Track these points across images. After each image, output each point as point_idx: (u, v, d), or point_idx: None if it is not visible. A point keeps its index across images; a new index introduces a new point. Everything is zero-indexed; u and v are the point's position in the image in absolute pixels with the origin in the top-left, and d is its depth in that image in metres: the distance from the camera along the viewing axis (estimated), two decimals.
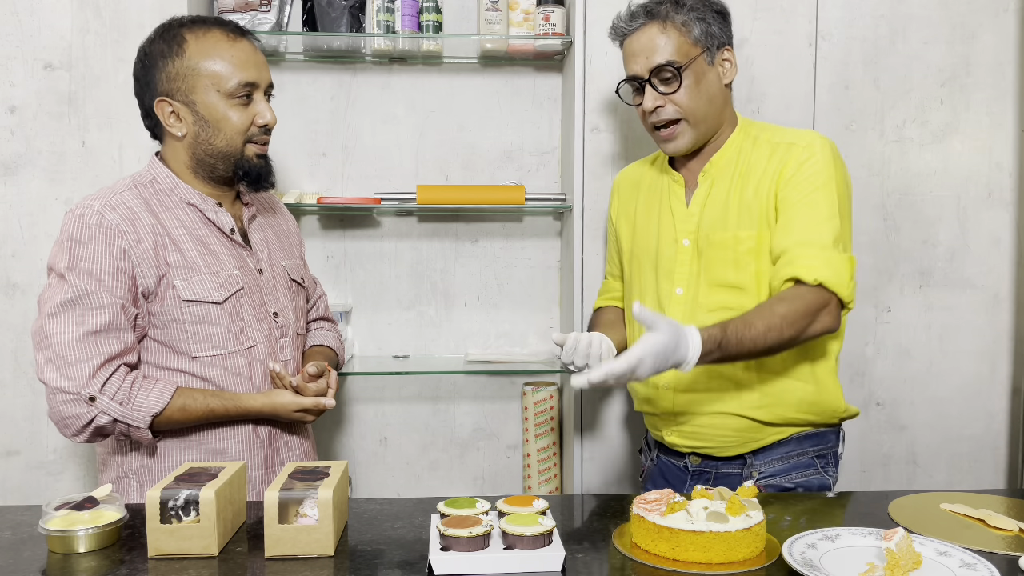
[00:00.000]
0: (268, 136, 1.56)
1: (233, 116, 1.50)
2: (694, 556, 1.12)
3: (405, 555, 1.19)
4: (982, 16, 2.12)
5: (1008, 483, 2.22)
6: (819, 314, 1.47)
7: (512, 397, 2.41)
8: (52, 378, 1.41)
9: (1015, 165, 2.17)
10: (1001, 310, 2.19)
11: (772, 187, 1.54)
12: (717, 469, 1.64)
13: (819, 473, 1.61)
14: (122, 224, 1.45)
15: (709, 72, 1.58)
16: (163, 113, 1.51)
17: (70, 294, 1.42)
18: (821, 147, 1.54)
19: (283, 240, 1.71)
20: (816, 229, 1.49)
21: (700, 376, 1.59)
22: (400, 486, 2.40)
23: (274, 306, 1.60)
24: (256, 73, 1.52)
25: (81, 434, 1.43)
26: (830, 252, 1.48)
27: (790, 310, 1.44)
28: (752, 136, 1.62)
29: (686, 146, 1.60)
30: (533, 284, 2.39)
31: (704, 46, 1.56)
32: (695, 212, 1.62)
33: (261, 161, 1.56)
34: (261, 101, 1.54)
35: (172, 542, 1.16)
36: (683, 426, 1.63)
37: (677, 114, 1.57)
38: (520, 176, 2.36)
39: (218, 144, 1.51)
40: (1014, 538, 1.22)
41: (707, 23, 1.56)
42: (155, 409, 1.44)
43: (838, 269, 1.48)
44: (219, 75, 1.49)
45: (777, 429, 1.59)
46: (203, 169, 1.54)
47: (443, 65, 2.34)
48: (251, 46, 1.54)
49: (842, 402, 1.62)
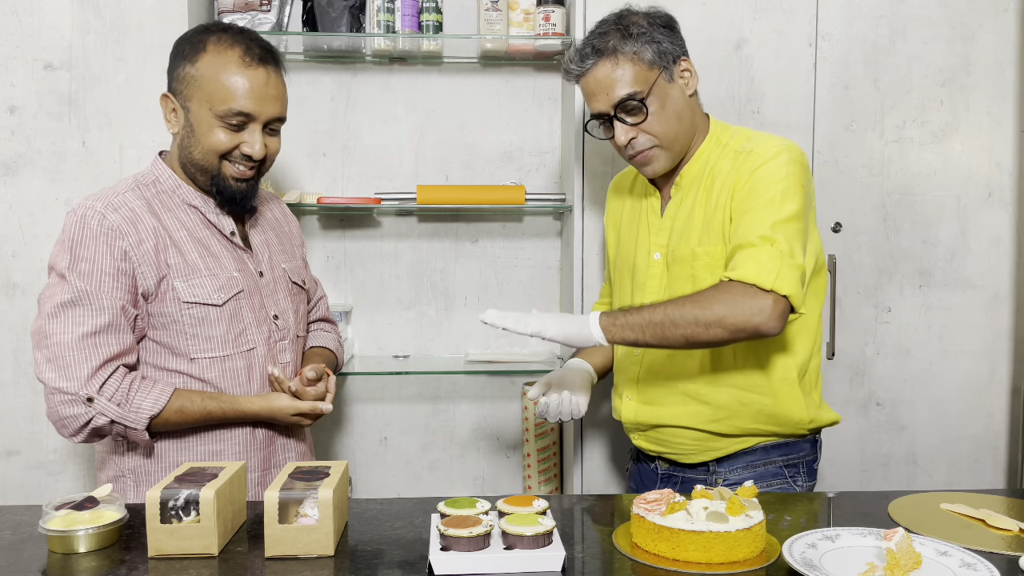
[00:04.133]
0: (253, 164, 1.51)
1: (217, 135, 1.48)
2: (694, 556, 1.12)
3: (405, 555, 1.19)
4: (982, 16, 2.12)
5: (1008, 483, 2.22)
6: (733, 303, 1.40)
7: (512, 397, 2.41)
8: (51, 378, 1.41)
9: (1015, 165, 2.17)
10: (1001, 310, 2.19)
11: (728, 199, 1.51)
12: (684, 474, 1.65)
13: (786, 482, 1.61)
14: (124, 225, 1.45)
15: (671, 90, 1.55)
16: (165, 106, 1.53)
17: (70, 294, 1.42)
18: (776, 154, 1.49)
19: (284, 242, 1.71)
20: (748, 230, 1.45)
21: (659, 390, 1.61)
22: (400, 486, 2.40)
23: (274, 309, 1.60)
24: (255, 105, 1.47)
25: (78, 434, 1.44)
26: (756, 250, 1.43)
27: (702, 296, 1.43)
28: (722, 144, 1.59)
29: (663, 167, 1.59)
30: (533, 284, 2.39)
31: (660, 66, 1.53)
32: (667, 225, 1.61)
33: (241, 185, 1.52)
34: (255, 132, 1.49)
35: (172, 542, 1.16)
36: (647, 432, 1.66)
37: (651, 142, 1.55)
38: (520, 176, 2.36)
39: (195, 154, 1.50)
40: (1014, 538, 1.22)
41: (656, 43, 1.52)
42: (152, 411, 1.44)
43: (757, 260, 1.42)
44: (215, 96, 1.46)
45: (738, 438, 1.59)
46: (187, 174, 1.55)
47: (443, 65, 2.34)
48: (265, 75, 1.49)
49: (806, 413, 1.58)
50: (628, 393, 1.67)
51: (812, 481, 1.65)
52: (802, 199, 1.48)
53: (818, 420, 1.62)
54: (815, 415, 1.61)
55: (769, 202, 1.46)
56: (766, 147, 1.52)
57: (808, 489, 1.63)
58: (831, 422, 1.64)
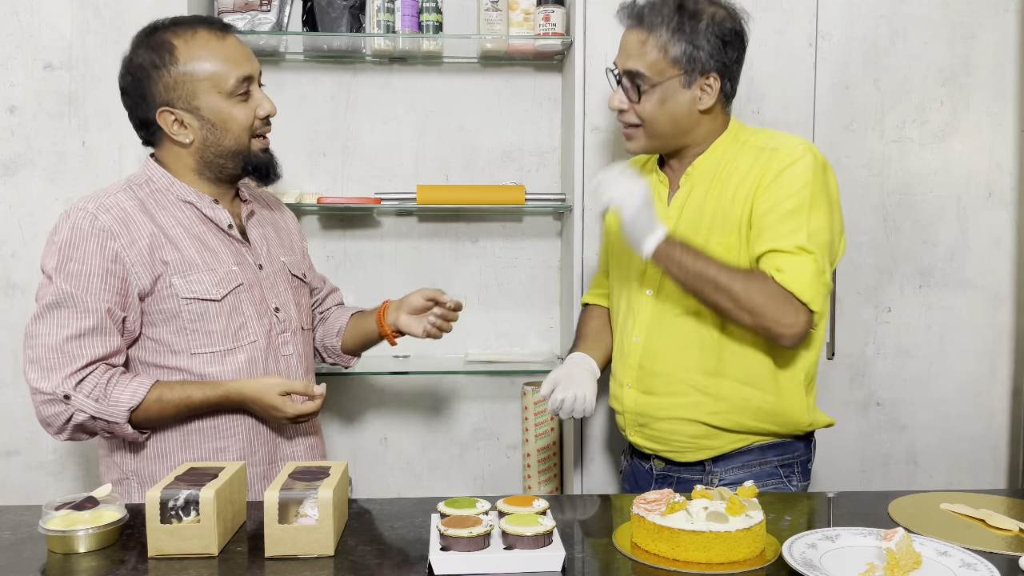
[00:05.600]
0: (269, 127, 1.57)
1: (238, 114, 1.51)
2: (694, 556, 1.12)
3: (405, 555, 1.19)
4: (982, 16, 2.12)
5: (1008, 483, 2.22)
6: (775, 304, 1.45)
7: (512, 397, 2.41)
8: (32, 378, 1.42)
9: (1015, 165, 2.17)
10: (1001, 310, 2.19)
11: (750, 193, 1.52)
12: (679, 474, 1.65)
13: (782, 482, 1.61)
14: (115, 226, 1.45)
15: (681, 95, 1.54)
16: (167, 123, 1.50)
17: (54, 296, 1.42)
18: (803, 154, 1.51)
19: (283, 237, 1.71)
20: (782, 239, 1.47)
21: (660, 379, 1.60)
22: (400, 486, 2.40)
23: (275, 301, 1.60)
24: (249, 66, 1.53)
25: (62, 432, 1.44)
26: (798, 259, 1.46)
27: (751, 281, 1.46)
28: (740, 141, 1.59)
29: (639, 149, 1.62)
30: (533, 284, 2.39)
31: (683, 69, 1.52)
32: (673, 215, 1.61)
33: (266, 155, 1.57)
34: (258, 92, 1.54)
35: (172, 542, 1.16)
36: (644, 428, 1.65)
37: (636, 121, 1.57)
38: (520, 176, 2.36)
39: (227, 144, 1.52)
40: (1014, 538, 1.22)
41: (695, 47, 1.50)
42: (131, 403, 1.42)
43: (801, 271, 1.46)
44: (217, 75, 1.49)
45: (736, 436, 1.59)
46: (211, 170, 1.54)
47: (443, 65, 2.34)
48: (236, 40, 1.54)
49: (807, 415, 1.59)
50: (628, 381, 1.65)
51: (806, 481, 1.65)
52: (830, 207, 1.52)
53: (816, 423, 1.62)
54: (814, 417, 1.61)
55: (798, 208, 1.48)
56: (791, 146, 1.53)
57: (802, 489, 1.63)
58: (827, 424, 1.65)
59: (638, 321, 1.63)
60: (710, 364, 1.57)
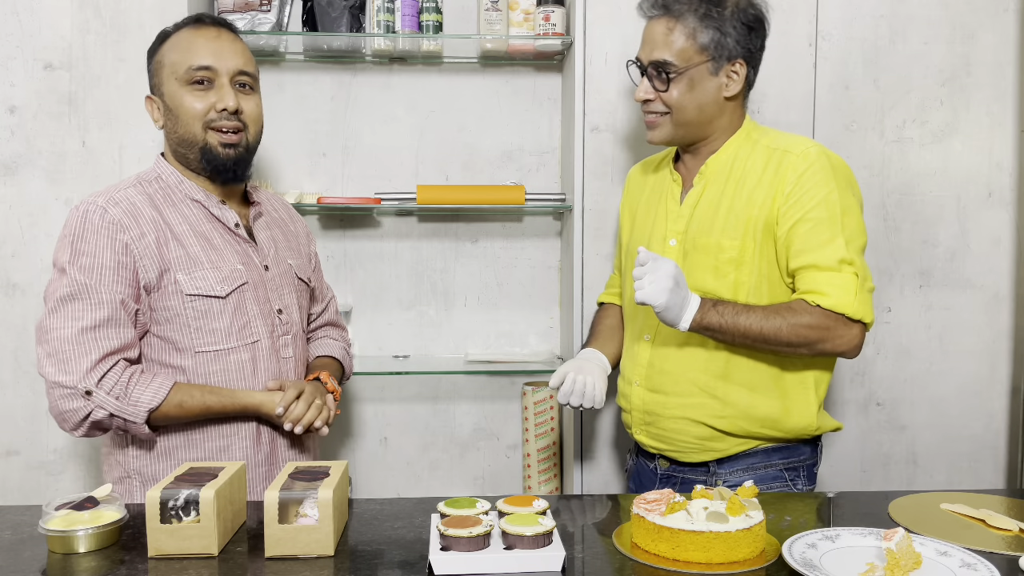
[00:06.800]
0: (234, 124, 1.52)
1: (189, 101, 1.51)
2: (694, 556, 1.12)
3: (405, 555, 1.19)
4: (982, 16, 2.12)
5: (1008, 483, 2.22)
6: (827, 331, 1.47)
7: (512, 397, 2.41)
8: (50, 372, 1.42)
9: (1015, 165, 2.17)
10: (1001, 310, 2.19)
11: (768, 200, 1.52)
12: (684, 475, 1.65)
13: (787, 485, 1.61)
14: (125, 219, 1.46)
15: (708, 81, 1.55)
16: (151, 108, 1.57)
17: (69, 288, 1.42)
18: (817, 156, 1.52)
19: (291, 240, 1.71)
20: (820, 252, 1.48)
21: (668, 378, 1.61)
22: (400, 486, 2.40)
23: (279, 303, 1.60)
24: (212, 58, 1.51)
25: (79, 428, 1.44)
26: (840, 276, 1.47)
27: (796, 319, 1.47)
28: (753, 140, 1.60)
29: (663, 138, 1.61)
30: (533, 284, 2.39)
31: (711, 55, 1.53)
32: (685, 213, 1.61)
33: (229, 152, 1.53)
34: (223, 86, 1.52)
35: (172, 542, 1.16)
36: (650, 426, 1.65)
37: (664, 109, 1.58)
38: (520, 176, 2.36)
39: (180, 131, 1.53)
40: (1014, 538, 1.22)
41: (722, 33, 1.52)
42: (151, 404, 1.43)
43: (845, 289, 1.47)
44: (175, 62, 1.52)
45: (741, 440, 1.59)
46: (181, 161, 1.56)
47: (443, 65, 2.34)
48: (216, 32, 1.54)
49: (814, 420, 1.59)
50: (636, 378, 1.65)
51: (812, 485, 1.64)
52: (857, 203, 1.53)
53: (823, 427, 1.62)
54: (821, 422, 1.61)
55: (830, 217, 1.48)
56: (801, 147, 1.54)
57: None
58: (834, 428, 1.64)
59: (649, 320, 1.63)
60: (718, 367, 1.57)
